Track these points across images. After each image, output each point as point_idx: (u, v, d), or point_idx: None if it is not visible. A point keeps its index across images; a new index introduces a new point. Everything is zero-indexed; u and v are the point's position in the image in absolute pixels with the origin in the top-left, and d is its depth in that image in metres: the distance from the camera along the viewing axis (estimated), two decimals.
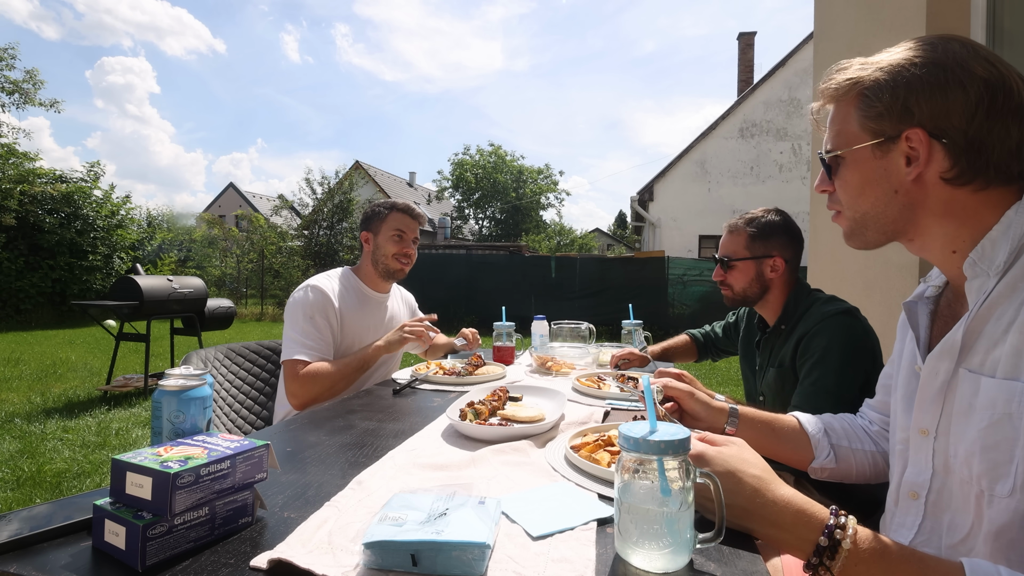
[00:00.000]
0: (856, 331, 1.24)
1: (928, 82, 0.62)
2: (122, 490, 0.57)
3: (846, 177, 0.70)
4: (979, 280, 0.63)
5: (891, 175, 0.66)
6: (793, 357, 1.32)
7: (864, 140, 0.67)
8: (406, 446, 0.95)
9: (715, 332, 1.89)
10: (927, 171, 0.64)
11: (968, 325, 0.63)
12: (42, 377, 5.00)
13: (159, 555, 0.55)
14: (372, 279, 1.77)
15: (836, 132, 0.70)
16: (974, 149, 0.61)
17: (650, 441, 0.57)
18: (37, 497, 2.48)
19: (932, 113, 0.62)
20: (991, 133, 0.60)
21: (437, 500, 0.63)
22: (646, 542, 0.56)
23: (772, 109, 12.47)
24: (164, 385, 0.69)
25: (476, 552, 0.54)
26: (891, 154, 0.65)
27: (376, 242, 1.76)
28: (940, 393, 0.66)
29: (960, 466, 0.63)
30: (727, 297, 1.48)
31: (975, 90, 0.60)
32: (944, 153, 0.62)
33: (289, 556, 0.55)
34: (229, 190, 31.85)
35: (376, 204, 1.83)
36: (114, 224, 10.30)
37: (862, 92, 0.66)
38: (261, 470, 0.65)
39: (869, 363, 1.22)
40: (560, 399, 1.19)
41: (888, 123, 0.64)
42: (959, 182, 0.63)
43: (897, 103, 0.63)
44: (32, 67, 11.24)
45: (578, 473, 0.82)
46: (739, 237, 1.43)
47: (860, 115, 0.67)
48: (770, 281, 1.41)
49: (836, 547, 0.54)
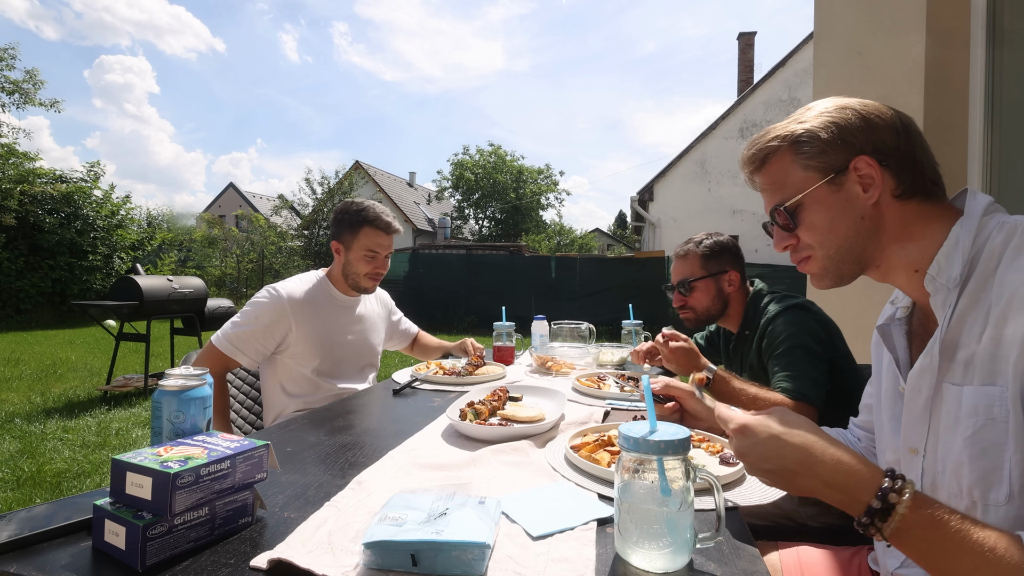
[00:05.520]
0: (810, 320, 1.32)
1: (851, 120, 0.69)
2: (122, 490, 0.57)
3: (811, 220, 0.72)
4: (941, 295, 0.65)
5: (853, 203, 0.69)
6: (759, 358, 1.38)
7: (815, 180, 0.70)
8: (406, 446, 0.95)
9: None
10: (882, 192, 0.68)
11: (943, 339, 0.64)
12: (42, 377, 5.00)
13: (159, 555, 0.55)
14: (340, 283, 1.68)
15: (781, 186, 0.73)
16: (910, 164, 0.68)
17: (650, 441, 0.57)
18: (37, 497, 2.47)
19: (868, 140, 0.68)
20: (916, 149, 0.69)
21: (437, 500, 0.63)
22: (646, 542, 0.56)
23: (772, 109, 12.39)
24: (164, 385, 0.69)
25: (476, 552, 0.54)
26: (845, 185, 0.69)
27: (347, 257, 1.64)
28: (925, 410, 0.67)
29: (949, 480, 0.64)
30: (688, 320, 1.55)
31: (891, 120, 0.69)
32: (889, 173, 0.68)
33: (289, 556, 0.55)
34: (229, 190, 31.85)
35: (348, 209, 1.65)
36: (114, 224, 10.29)
37: (795, 140, 0.71)
38: (261, 470, 0.66)
39: (828, 348, 1.30)
40: (560, 399, 1.19)
41: (832, 157, 0.69)
42: (906, 196, 0.68)
43: (835, 138, 0.68)
44: (32, 67, 11.23)
45: (578, 473, 0.82)
46: (692, 260, 1.53)
47: (801, 160, 0.71)
48: (729, 295, 1.51)
49: (889, 511, 0.52)
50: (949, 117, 1.81)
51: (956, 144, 1.80)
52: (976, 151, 1.78)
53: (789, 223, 0.73)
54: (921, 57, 1.84)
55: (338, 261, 1.67)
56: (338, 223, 1.66)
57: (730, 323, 1.55)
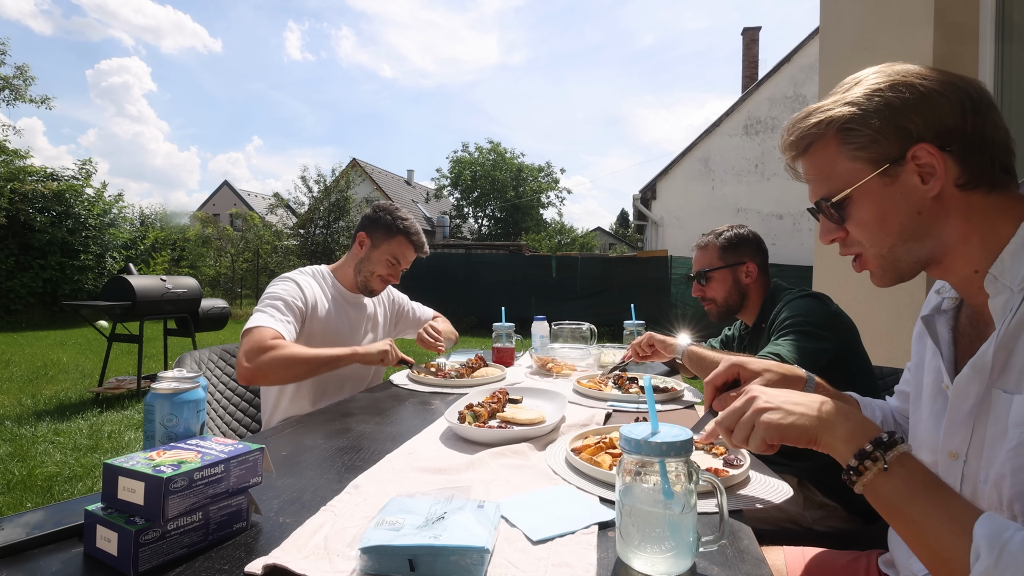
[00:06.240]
0: (821, 310, 1.31)
1: (907, 99, 0.60)
2: (114, 495, 0.57)
3: (860, 215, 0.65)
4: (1003, 296, 0.60)
5: (910, 197, 0.62)
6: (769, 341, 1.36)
7: (866, 172, 0.63)
8: (404, 449, 0.94)
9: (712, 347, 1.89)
10: (944, 183, 0.61)
11: (998, 344, 0.59)
12: (33, 379, 4.94)
13: (152, 561, 0.54)
14: (348, 280, 1.69)
15: (827, 176, 0.66)
16: (976, 148, 0.60)
17: (652, 443, 0.56)
18: (27, 502, 2.45)
19: (928, 124, 0.60)
20: (984, 128, 0.60)
21: (435, 504, 0.62)
22: (648, 546, 0.56)
23: (777, 106, 12.15)
24: (157, 388, 0.68)
25: (475, 557, 0.53)
26: (901, 176, 0.62)
27: (370, 254, 1.66)
28: (970, 415, 0.63)
29: (989, 491, 0.60)
30: (712, 312, 1.57)
31: (952, 92, 0.60)
32: (953, 160, 0.60)
33: (284, 562, 0.54)
34: (224, 188, 31.70)
35: (392, 212, 1.70)
36: (106, 223, 10.20)
37: (842, 127, 0.63)
38: (256, 474, 0.65)
39: (834, 340, 1.26)
40: (561, 401, 1.19)
41: (885, 147, 0.62)
42: (971, 185, 0.61)
43: (888, 125, 0.61)
44: (23, 63, 11.11)
45: (579, 476, 0.81)
46: (711, 251, 1.55)
47: (849, 150, 0.63)
48: (747, 287, 1.53)
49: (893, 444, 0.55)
50: None
51: None
52: None
53: (837, 216, 0.67)
54: (929, 52, 1.82)
55: (356, 253, 1.68)
56: (375, 220, 1.68)
57: (748, 316, 1.56)
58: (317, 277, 1.66)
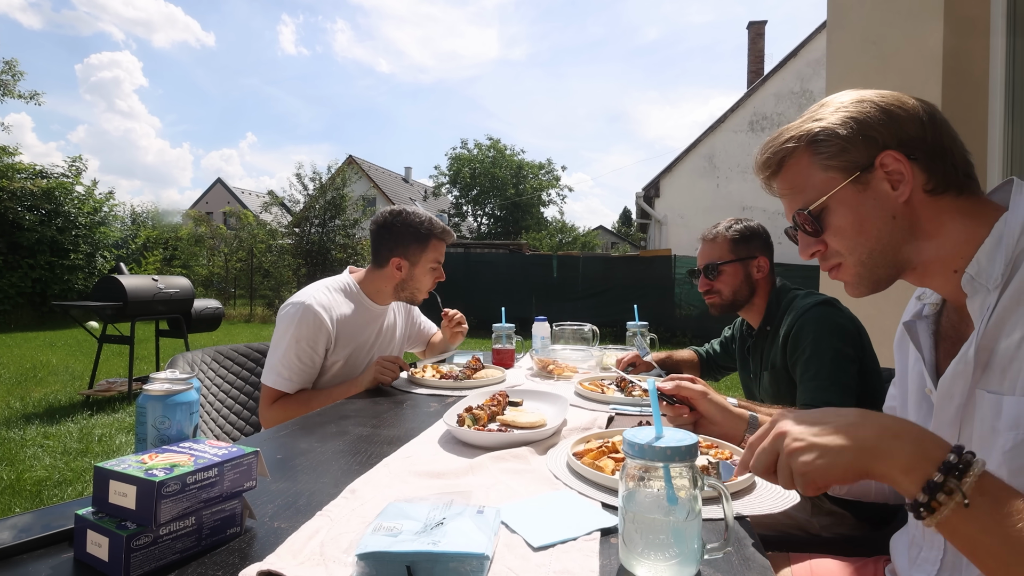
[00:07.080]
0: (838, 319, 1.29)
1: (870, 113, 0.65)
2: (105, 499, 0.56)
3: (838, 223, 0.68)
4: (980, 296, 0.62)
5: (883, 202, 0.66)
6: (783, 357, 1.35)
7: (839, 180, 0.67)
8: (401, 453, 0.93)
9: (714, 349, 1.88)
10: (913, 188, 0.65)
11: (978, 343, 0.61)
12: (22, 381, 4.88)
13: (144, 567, 0.54)
14: (381, 295, 1.62)
15: (802, 188, 0.70)
16: (939, 156, 0.65)
17: (656, 447, 0.55)
18: (16, 506, 2.42)
19: (892, 134, 0.64)
20: (943, 138, 0.65)
21: (434, 509, 0.61)
22: (652, 552, 0.55)
23: (783, 101, 11.91)
24: (149, 390, 0.68)
25: (474, 563, 0.52)
26: (872, 183, 0.66)
27: (412, 272, 1.58)
28: (956, 417, 0.64)
29: None
30: (714, 305, 1.53)
31: (911, 108, 0.66)
32: (919, 167, 0.65)
33: (279, 568, 0.53)
34: (217, 186, 31.54)
35: (409, 222, 1.57)
36: (96, 221, 10.11)
37: (812, 139, 0.67)
38: (250, 478, 0.64)
39: (858, 348, 1.27)
40: (562, 404, 1.17)
41: (855, 154, 0.65)
42: (940, 190, 0.65)
43: (855, 134, 0.65)
44: (11, 57, 11.01)
45: (581, 481, 0.80)
46: (721, 243, 1.50)
47: (820, 161, 0.67)
48: (757, 282, 1.48)
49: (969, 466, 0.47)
50: (968, 109, 1.76)
51: (976, 137, 1.74)
52: (996, 143, 1.73)
53: (815, 228, 0.69)
54: (939, 46, 1.79)
55: (396, 276, 1.59)
56: (399, 236, 1.57)
57: (753, 315, 1.52)
58: (345, 291, 1.60)
